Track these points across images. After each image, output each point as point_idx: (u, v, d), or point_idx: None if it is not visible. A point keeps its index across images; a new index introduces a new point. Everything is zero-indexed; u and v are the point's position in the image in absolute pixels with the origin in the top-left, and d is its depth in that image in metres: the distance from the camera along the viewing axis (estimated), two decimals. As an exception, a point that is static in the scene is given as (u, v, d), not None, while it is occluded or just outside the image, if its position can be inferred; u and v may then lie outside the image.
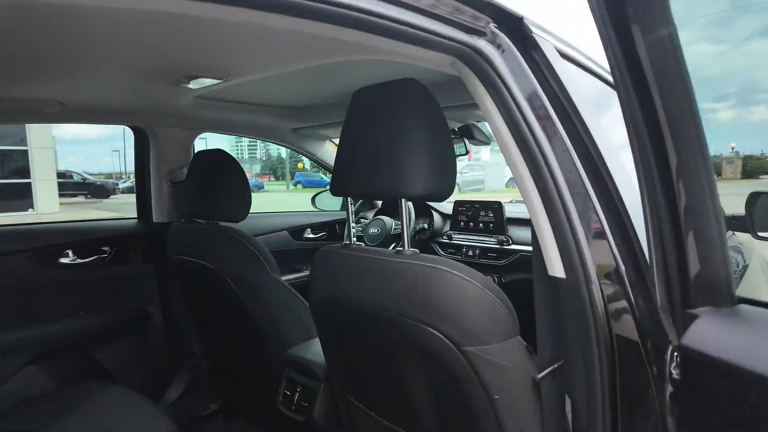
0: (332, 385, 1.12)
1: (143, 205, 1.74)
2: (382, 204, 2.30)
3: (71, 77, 1.12)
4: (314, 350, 1.23)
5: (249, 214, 1.33)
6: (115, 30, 0.79)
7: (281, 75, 1.15)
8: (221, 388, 1.73)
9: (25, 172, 12.59)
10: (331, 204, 2.43)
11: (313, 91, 1.51)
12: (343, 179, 0.89)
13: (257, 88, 1.41)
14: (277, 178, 43.24)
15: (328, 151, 2.19)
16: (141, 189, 1.73)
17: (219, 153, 1.37)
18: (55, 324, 1.55)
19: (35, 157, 12.52)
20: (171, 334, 1.77)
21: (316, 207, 2.44)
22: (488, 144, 1.85)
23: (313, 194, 2.51)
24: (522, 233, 1.82)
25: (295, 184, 28.49)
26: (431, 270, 0.75)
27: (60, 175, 16.09)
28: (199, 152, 1.48)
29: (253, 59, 1.03)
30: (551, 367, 0.76)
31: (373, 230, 2.05)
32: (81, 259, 1.62)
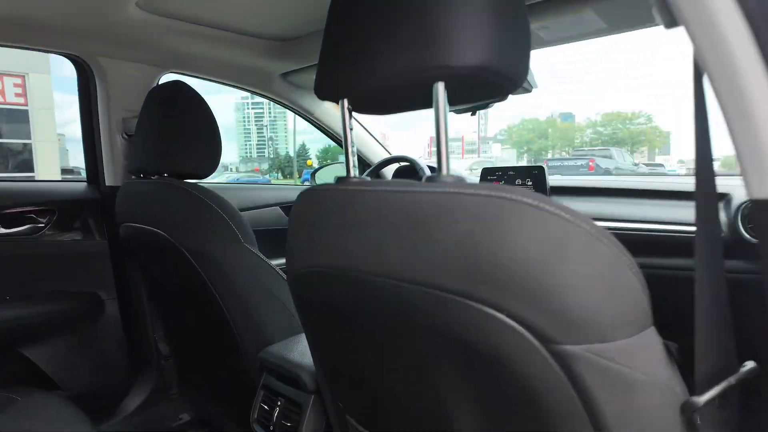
0: (325, 398, 0.82)
1: (93, 165, 1.39)
2: (395, 172, 1.95)
3: None
4: (301, 349, 0.98)
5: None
6: None
7: None
8: (193, 394, 1.40)
9: (29, 167, 12.58)
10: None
11: (306, 7, 1.14)
12: (333, 70, 0.54)
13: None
14: (284, 176, 44.26)
15: (329, 110, 1.81)
16: (89, 143, 1.38)
17: (176, 85, 1.05)
18: None
19: (38, 149, 12.54)
20: (130, 327, 1.43)
21: (316, 183, 2.11)
22: (530, 91, 1.46)
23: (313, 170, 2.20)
24: (571, 205, 1.44)
25: (303, 182, 29.08)
26: (497, 202, 0.41)
27: (68, 171, 16.27)
28: (153, 88, 1.13)
29: None
30: (722, 386, 0.42)
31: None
32: (7, 228, 1.28)
